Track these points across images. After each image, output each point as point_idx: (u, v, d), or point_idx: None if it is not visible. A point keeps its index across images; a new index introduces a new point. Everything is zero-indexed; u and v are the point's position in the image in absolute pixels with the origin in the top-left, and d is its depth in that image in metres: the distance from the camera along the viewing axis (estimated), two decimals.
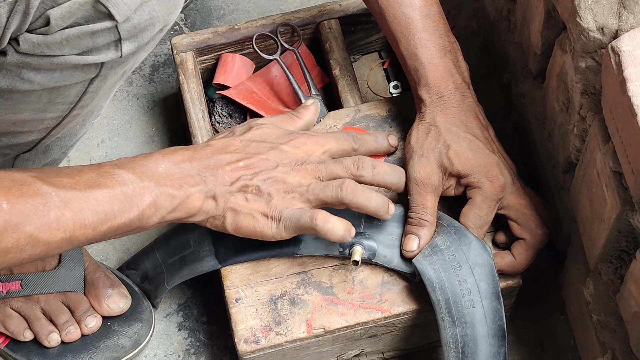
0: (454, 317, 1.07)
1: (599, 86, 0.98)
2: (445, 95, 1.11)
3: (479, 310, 1.06)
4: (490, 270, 1.08)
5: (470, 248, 1.08)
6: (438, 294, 1.07)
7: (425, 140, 1.11)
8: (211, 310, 1.27)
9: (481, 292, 1.07)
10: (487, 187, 1.09)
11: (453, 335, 1.07)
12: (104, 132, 1.40)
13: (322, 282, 1.13)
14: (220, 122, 1.29)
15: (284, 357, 1.13)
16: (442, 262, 1.08)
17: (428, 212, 1.10)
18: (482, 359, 1.06)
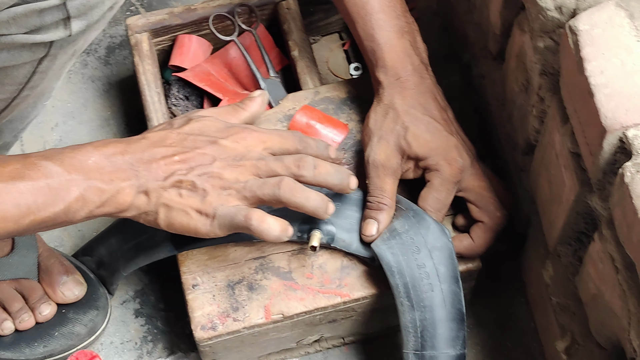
0: (413, 301, 1.06)
1: (558, 66, 0.97)
2: (403, 76, 1.09)
3: (437, 294, 1.06)
4: (449, 253, 1.07)
5: (429, 231, 1.07)
6: (397, 278, 1.06)
7: (384, 122, 1.09)
8: (168, 297, 1.25)
9: (440, 275, 1.06)
10: (446, 170, 1.08)
11: (412, 319, 1.06)
12: (58, 115, 1.37)
13: (280, 267, 1.12)
14: (176, 104, 1.27)
15: (242, 344, 1.12)
16: (400, 246, 1.07)
17: (387, 195, 1.08)
18: (441, 343, 1.05)
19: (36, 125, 1.36)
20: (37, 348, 1.17)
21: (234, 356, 1.15)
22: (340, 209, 1.10)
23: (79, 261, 1.21)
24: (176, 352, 1.21)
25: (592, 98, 0.86)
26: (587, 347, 1.03)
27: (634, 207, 0.81)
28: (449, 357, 1.06)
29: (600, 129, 0.85)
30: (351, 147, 1.17)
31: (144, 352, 1.22)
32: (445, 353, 1.06)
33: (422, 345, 1.06)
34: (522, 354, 1.20)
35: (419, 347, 1.06)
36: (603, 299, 0.94)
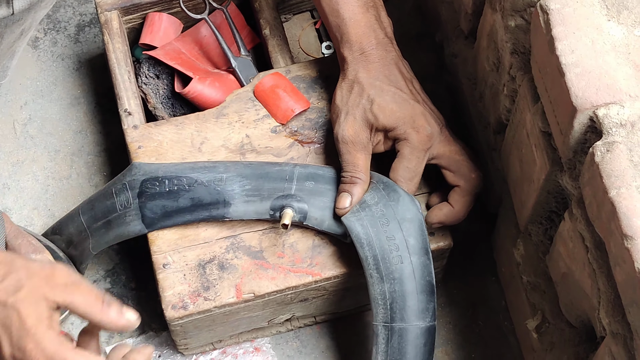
0: (382, 274, 1.05)
1: (529, 45, 0.96)
2: (367, 50, 1.09)
3: (407, 266, 1.05)
4: (419, 225, 1.07)
5: (398, 203, 1.07)
6: (366, 250, 1.06)
7: (349, 97, 1.09)
8: (140, 277, 1.24)
9: (410, 247, 1.06)
10: (414, 138, 1.07)
11: (381, 291, 1.05)
12: (28, 93, 1.36)
13: (251, 246, 1.11)
14: (147, 83, 1.25)
15: (213, 323, 1.12)
16: (370, 218, 1.07)
17: (360, 169, 1.08)
18: (411, 315, 1.05)
19: (5, 103, 1.35)
20: None
21: (205, 335, 1.14)
22: (313, 188, 1.10)
23: (48, 240, 1.20)
24: (147, 331, 1.21)
25: (563, 77, 0.85)
26: (558, 326, 1.04)
27: (604, 186, 0.81)
28: (418, 328, 1.05)
29: (571, 108, 0.85)
30: (322, 126, 1.17)
31: (115, 332, 1.21)
32: (414, 325, 1.05)
33: (391, 317, 1.05)
34: (493, 333, 1.20)
35: (389, 319, 1.05)
36: (573, 277, 0.95)
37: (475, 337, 1.20)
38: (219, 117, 1.18)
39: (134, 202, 1.11)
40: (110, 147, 1.32)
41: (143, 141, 1.17)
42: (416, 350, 1.06)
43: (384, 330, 1.06)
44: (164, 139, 1.17)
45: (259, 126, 1.18)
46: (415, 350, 1.06)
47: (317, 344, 1.20)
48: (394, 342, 1.06)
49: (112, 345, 1.20)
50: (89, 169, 1.31)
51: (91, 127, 1.34)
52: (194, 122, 1.18)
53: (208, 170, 1.11)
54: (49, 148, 1.32)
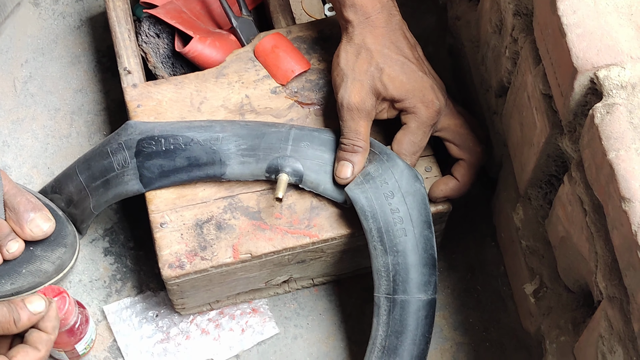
0: (386, 246, 1.05)
1: (531, 7, 0.95)
2: (373, 15, 1.08)
3: (411, 239, 1.05)
4: (422, 198, 1.07)
5: (402, 176, 1.07)
6: (370, 223, 1.06)
7: (356, 63, 1.08)
8: (138, 236, 1.24)
9: (413, 220, 1.06)
10: (423, 113, 1.07)
11: (385, 263, 1.05)
12: (28, 51, 1.35)
13: (249, 206, 1.11)
14: (147, 42, 1.24)
15: (210, 283, 1.11)
16: (374, 190, 1.06)
17: (362, 137, 1.08)
18: (413, 287, 1.05)
19: (5, 61, 1.34)
20: (4, 285, 1.16)
21: (202, 295, 1.14)
22: (308, 150, 1.09)
23: (47, 198, 1.20)
24: (145, 290, 1.21)
25: (564, 38, 0.84)
26: (555, 290, 1.03)
27: (603, 148, 0.81)
28: (420, 301, 1.06)
29: (572, 70, 0.84)
30: (322, 88, 1.16)
31: (113, 291, 1.21)
32: (416, 297, 1.06)
33: (394, 289, 1.06)
34: (491, 297, 1.20)
35: (391, 290, 1.06)
36: (571, 241, 0.94)
37: (473, 302, 1.20)
38: (218, 77, 1.17)
39: (131, 162, 1.11)
40: (110, 106, 1.32)
41: (142, 100, 1.16)
42: (417, 322, 1.07)
43: (386, 302, 1.06)
44: (163, 98, 1.16)
45: (258, 87, 1.17)
46: (417, 322, 1.07)
47: (315, 306, 1.20)
48: (396, 313, 1.06)
49: (109, 304, 1.20)
50: (88, 127, 1.30)
51: (91, 86, 1.33)
52: (193, 81, 1.17)
53: (204, 130, 1.11)
54: (49, 106, 1.31)
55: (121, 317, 1.19)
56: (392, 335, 1.06)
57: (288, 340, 1.19)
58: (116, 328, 1.18)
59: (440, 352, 1.17)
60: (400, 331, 1.06)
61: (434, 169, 1.12)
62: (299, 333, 1.19)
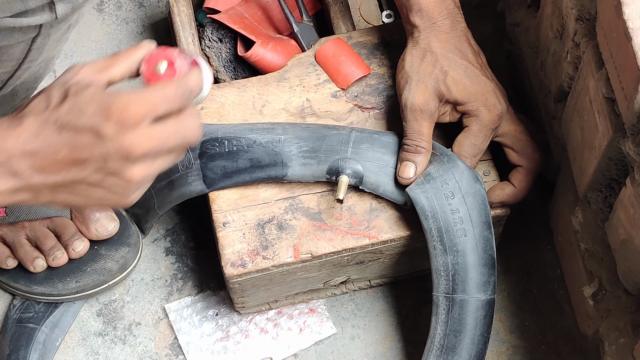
0: (446, 246, 1.07)
1: (594, 12, 0.97)
2: (439, 21, 1.09)
3: (470, 239, 1.07)
4: (482, 199, 1.08)
5: (463, 177, 1.08)
6: (430, 222, 1.07)
7: (421, 65, 1.10)
8: (199, 236, 1.26)
9: (473, 221, 1.07)
10: (485, 116, 1.08)
11: (444, 263, 1.07)
12: (93, 56, 1.38)
13: (310, 207, 1.13)
14: (210, 46, 1.27)
15: (270, 282, 1.13)
16: (434, 190, 1.08)
17: (424, 139, 1.09)
18: (472, 287, 1.07)
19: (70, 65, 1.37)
20: (70, 283, 1.19)
21: (262, 294, 1.16)
22: (368, 151, 1.11)
23: None
24: (205, 290, 1.23)
25: (630, 42, 0.85)
26: (615, 293, 1.04)
27: None
28: (479, 301, 1.07)
29: (637, 73, 0.85)
30: (382, 92, 1.18)
31: (174, 290, 1.24)
32: (475, 297, 1.07)
33: (453, 288, 1.07)
34: (547, 301, 1.21)
35: (450, 290, 1.07)
36: (633, 244, 0.95)
37: (529, 305, 1.21)
38: (280, 81, 1.19)
39: (195, 163, 1.13)
40: None
41: (205, 103, 1.18)
42: (476, 322, 1.08)
43: (445, 301, 1.07)
44: (226, 100, 1.19)
45: (319, 90, 1.19)
46: (475, 321, 1.08)
47: (372, 308, 1.22)
48: (455, 313, 1.07)
49: (171, 302, 1.22)
50: None
51: None
52: (255, 85, 1.19)
53: (266, 132, 1.13)
54: None
55: (182, 315, 1.21)
56: (451, 334, 1.08)
57: (345, 340, 1.20)
58: (177, 326, 1.20)
59: (497, 354, 1.19)
60: (459, 330, 1.08)
61: (492, 173, 1.14)
62: (357, 333, 1.21)
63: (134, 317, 1.22)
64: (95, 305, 1.23)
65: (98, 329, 1.21)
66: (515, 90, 1.25)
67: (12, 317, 1.20)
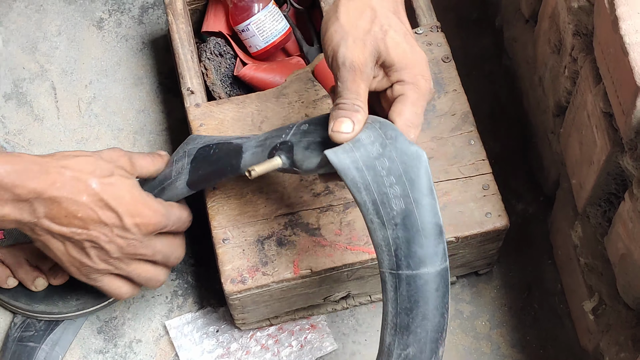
0: (383, 219, 0.97)
1: (591, 27, 0.97)
2: None
3: (410, 210, 0.97)
4: (422, 164, 0.97)
5: (396, 142, 0.97)
6: (364, 195, 0.97)
7: (359, 21, 1.00)
8: (199, 253, 1.27)
9: (412, 189, 0.97)
10: (423, 85, 0.99)
11: (384, 237, 0.97)
12: (92, 73, 1.39)
13: (309, 223, 1.13)
14: (210, 59, 1.27)
15: (270, 298, 1.13)
16: (366, 159, 0.97)
17: (361, 99, 0.98)
18: (417, 261, 0.97)
19: (70, 82, 1.38)
20: (70, 301, 1.19)
21: (262, 310, 1.16)
22: (306, 129, 1.03)
23: None
24: (206, 306, 1.23)
25: (627, 57, 0.86)
26: (615, 308, 1.04)
27: None
28: (427, 275, 0.97)
29: (634, 88, 0.85)
30: None
31: (175, 306, 1.24)
32: (422, 271, 0.97)
33: (397, 264, 0.98)
34: (548, 315, 1.21)
35: (394, 266, 0.98)
36: (632, 258, 0.95)
37: (530, 320, 1.21)
38: (279, 97, 1.20)
39: (186, 167, 1.13)
40: (172, 126, 1.35)
41: (205, 119, 1.19)
42: (427, 296, 0.98)
43: (391, 278, 0.98)
44: (225, 117, 1.19)
45: (318, 106, 1.19)
46: (426, 296, 0.98)
47: (372, 323, 1.22)
48: (402, 290, 0.98)
49: (171, 319, 1.22)
50: (151, 147, 1.33)
51: (153, 107, 1.36)
52: (254, 101, 1.20)
53: (250, 137, 1.10)
54: (112, 126, 1.35)
55: (183, 332, 1.21)
56: (402, 312, 0.99)
57: (346, 356, 1.20)
58: (178, 343, 1.20)
59: None
60: (410, 308, 0.99)
61: (492, 187, 1.13)
62: (357, 349, 1.21)
63: (134, 334, 1.22)
64: (96, 322, 1.23)
65: (99, 347, 1.22)
66: (514, 104, 1.25)
67: (13, 336, 1.20)
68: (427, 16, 1.23)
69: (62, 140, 1.34)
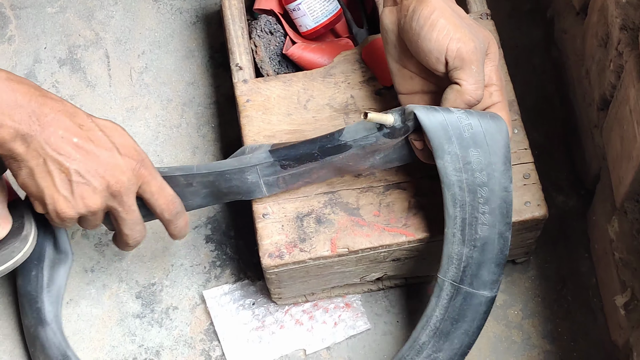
0: (465, 238, 1.06)
1: (638, 21, 0.97)
2: None
3: (491, 237, 1.05)
4: (509, 199, 1.05)
5: (495, 170, 1.04)
6: (457, 210, 1.05)
7: (451, 17, 1.02)
8: (239, 226, 1.29)
9: (497, 220, 1.05)
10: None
11: (459, 253, 1.06)
12: (146, 43, 1.41)
13: (349, 202, 1.14)
14: (260, 36, 1.29)
15: (307, 274, 1.15)
16: (470, 181, 1.04)
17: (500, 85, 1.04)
18: (481, 283, 1.06)
19: (123, 51, 1.40)
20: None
21: (298, 286, 1.18)
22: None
23: None
24: (243, 279, 1.25)
25: None
26: None
27: None
28: (483, 297, 1.07)
29: None
30: None
31: (212, 277, 1.26)
32: (481, 293, 1.07)
33: (461, 279, 1.07)
34: (581, 308, 1.21)
35: (458, 280, 1.07)
36: None
37: (562, 312, 1.21)
38: (326, 77, 1.21)
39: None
40: (219, 100, 1.37)
41: (251, 95, 1.21)
42: (475, 315, 1.08)
43: (450, 288, 1.07)
44: (271, 94, 1.21)
45: (364, 87, 1.20)
46: (474, 315, 1.08)
47: (406, 305, 1.23)
48: (457, 302, 1.07)
49: (208, 289, 1.25)
50: (198, 119, 1.36)
51: (203, 80, 1.39)
52: (301, 79, 1.21)
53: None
54: (162, 97, 1.37)
55: (220, 302, 1.23)
56: (448, 320, 1.08)
57: (378, 337, 1.22)
58: (214, 312, 1.23)
59: (528, 359, 1.19)
60: (457, 319, 1.08)
61: (533, 176, 1.14)
62: (389, 330, 1.22)
63: (171, 301, 1.25)
64: (134, 287, 1.26)
65: (136, 311, 1.24)
66: (560, 97, 1.25)
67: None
68: (478, 3, 1.23)
69: (113, 107, 1.37)
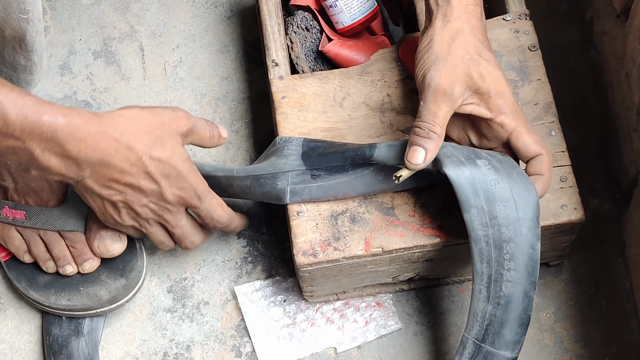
0: (490, 295, 1.05)
1: None
2: (472, 5, 1.06)
3: (515, 296, 1.04)
4: (535, 258, 1.05)
5: (524, 236, 1.04)
6: (484, 267, 1.05)
7: (451, 46, 1.04)
8: (271, 222, 1.28)
9: (522, 278, 1.04)
10: (521, 115, 1.05)
11: (483, 310, 1.05)
12: (180, 37, 1.41)
13: (383, 202, 1.14)
14: (297, 32, 1.28)
15: (340, 273, 1.15)
16: (496, 238, 1.04)
17: (439, 123, 1.03)
18: (503, 343, 1.05)
19: (158, 45, 1.40)
20: (62, 299, 1.19)
21: (330, 285, 1.18)
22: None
23: None
24: (274, 275, 1.25)
25: None
26: None
27: None
28: (504, 358, 1.05)
29: None
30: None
31: (243, 272, 1.26)
32: (502, 354, 1.05)
33: (483, 337, 1.05)
34: (614, 313, 1.20)
35: (480, 338, 1.05)
36: None
37: (595, 316, 1.20)
38: (362, 75, 1.21)
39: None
40: (252, 96, 1.37)
41: (287, 92, 1.20)
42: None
43: (472, 346, 1.06)
44: (307, 91, 1.20)
45: (400, 86, 1.20)
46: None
47: (437, 306, 1.23)
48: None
49: (240, 285, 1.25)
50: (231, 114, 1.35)
51: (237, 75, 1.38)
52: (337, 77, 1.21)
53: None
54: (195, 91, 1.37)
55: (251, 298, 1.23)
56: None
57: (408, 336, 1.21)
58: (245, 309, 1.23)
59: None
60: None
61: (570, 179, 1.13)
62: (420, 330, 1.22)
63: (202, 296, 1.25)
64: (166, 281, 1.26)
65: (167, 305, 1.24)
66: (598, 99, 1.24)
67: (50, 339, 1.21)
68: (517, 3, 1.22)
69: (147, 101, 1.36)
